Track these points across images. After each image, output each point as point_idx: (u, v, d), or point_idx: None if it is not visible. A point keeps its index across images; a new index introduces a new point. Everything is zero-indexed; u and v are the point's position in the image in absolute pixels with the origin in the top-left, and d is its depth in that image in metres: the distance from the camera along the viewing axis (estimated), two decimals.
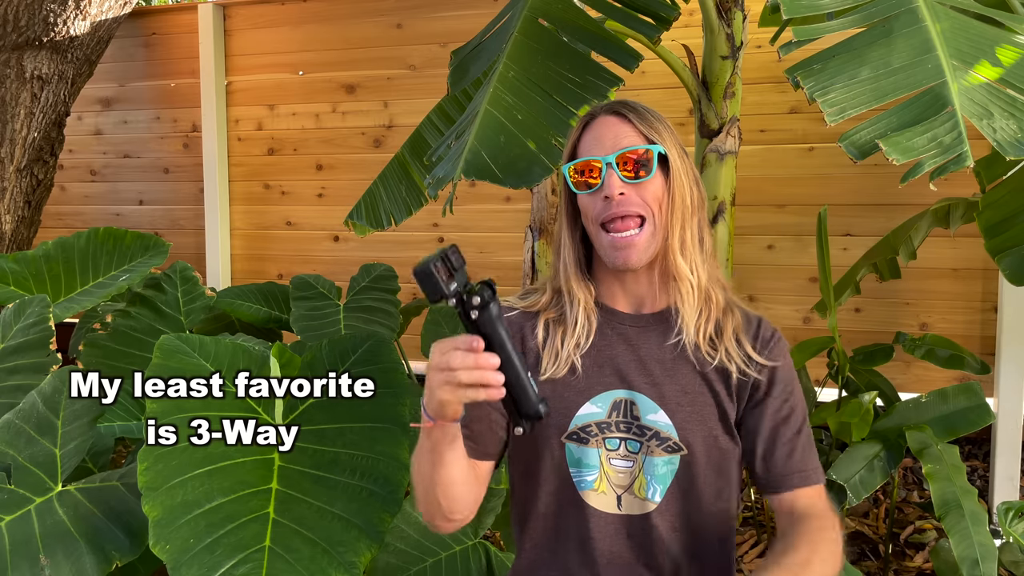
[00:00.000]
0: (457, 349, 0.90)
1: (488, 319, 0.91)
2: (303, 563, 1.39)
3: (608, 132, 1.11)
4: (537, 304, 1.19)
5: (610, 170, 1.08)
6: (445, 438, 1.00)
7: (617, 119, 1.12)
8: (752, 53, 2.91)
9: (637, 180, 1.08)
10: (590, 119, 1.15)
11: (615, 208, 1.08)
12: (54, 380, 1.79)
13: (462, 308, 0.91)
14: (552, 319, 1.16)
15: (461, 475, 1.05)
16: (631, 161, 1.08)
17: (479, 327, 0.91)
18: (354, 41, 3.85)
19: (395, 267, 2.91)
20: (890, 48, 1.25)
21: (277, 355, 1.69)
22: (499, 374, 0.90)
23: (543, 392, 1.13)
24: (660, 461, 1.11)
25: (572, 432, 1.13)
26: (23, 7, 3.12)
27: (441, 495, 1.05)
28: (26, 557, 1.46)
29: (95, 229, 2.75)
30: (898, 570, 2.57)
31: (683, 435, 1.10)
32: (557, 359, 1.13)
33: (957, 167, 1.07)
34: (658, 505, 1.12)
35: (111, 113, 4.31)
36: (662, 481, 1.11)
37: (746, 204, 3.14)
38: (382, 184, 2.72)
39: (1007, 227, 1.98)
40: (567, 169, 1.13)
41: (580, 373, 1.12)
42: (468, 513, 1.10)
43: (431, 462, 1.03)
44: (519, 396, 0.93)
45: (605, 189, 1.08)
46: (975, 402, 2.33)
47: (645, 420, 1.11)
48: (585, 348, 1.13)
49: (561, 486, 1.14)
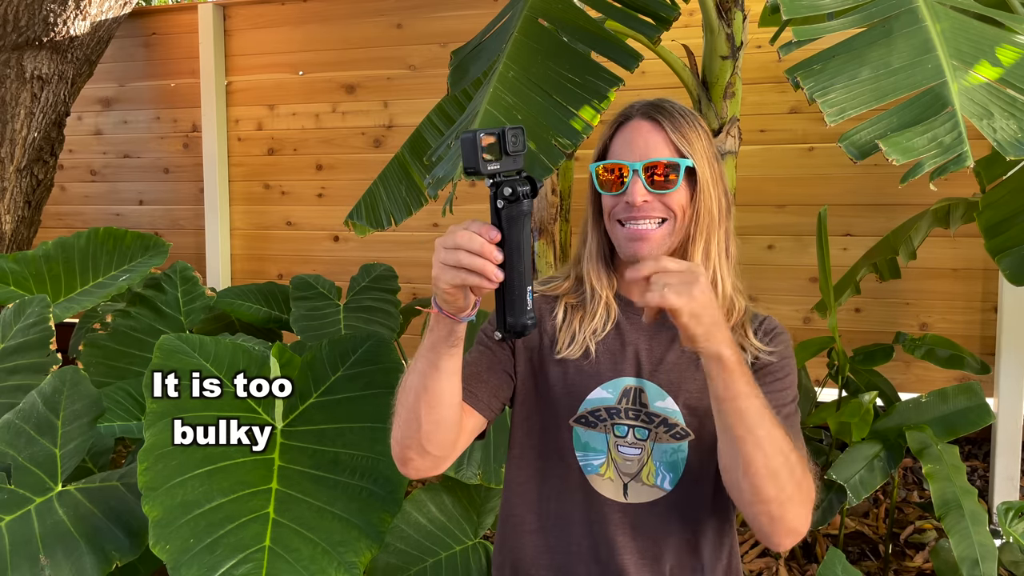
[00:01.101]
0: (468, 230, 0.89)
1: (512, 215, 0.89)
2: (303, 563, 1.39)
3: (640, 138, 1.11)
4: (559, 289, 1.21)
5: (636, 177, 1.09)
6: (446, 339, 0.98)
7: (651, 125, 1.12)
8: (752, 53, 2.91)
9: (661, 191, 1.09)
10: (625, 120, 1.15)
11: (635, 212, 1.10)
12: (54, 380, 1.79)
13: (493, 193, 0.89)
14: (572, 304, 1.18)
15: (451, 395, 1.03)
16: (658, 172, 1.09)
17: (500, 219, 0.89)
18: (354, 41, 3.85)
19: (395, 267, 2.91)
20: (890, 48, 1.25)
21: (277, 355, 1.69)
22: (499, 270, 0.89)
23: (555, 373, 1.15)
24: (669, 448, 1.12)
25: (581, 416, 1.14)
26: (23, 7, 3.12)
27: (425, 411, 1.02)
28: (26, 557, 1.46)
29: (95, 229, 2.75)
30: (898, 570, 2.57)
31: (690, 421, 1.12)
32: (573, 341, 1.15)
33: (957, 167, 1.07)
34: (668, 493, 1.13)
35: (111, 113, 4.31)
36: (672, 468, 1.13)
37: (746, 204, 3.14)
38: (382, 184, 2.72)
39: (1007, 227, 1.98)
40: (595, 167, 1.14)
41: (594, 357, 1.14)
42: (442, 454, 1.07)
43: (426, 363, 1.00)
44: (512, 302, 0.91)
45: (628, 195, 1.10)
46: (975, 402, 2.33)
47: (653, 407, 1.12)
48: (602, 336, 1.15)
49: (566, 470, 1.15)
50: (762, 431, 0.96)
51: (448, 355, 0.99)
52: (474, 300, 0.95)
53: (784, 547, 1.02)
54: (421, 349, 1.01)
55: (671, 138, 1.11)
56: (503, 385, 1.16)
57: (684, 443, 1.12)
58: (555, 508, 1.16)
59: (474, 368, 1.15)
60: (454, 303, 0.94)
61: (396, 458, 1.08)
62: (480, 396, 1.13)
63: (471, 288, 0.92)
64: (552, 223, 2.67)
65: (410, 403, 1.03)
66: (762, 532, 1.02)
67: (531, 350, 1.18)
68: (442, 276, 0.91)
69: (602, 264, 1.18)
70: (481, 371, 1.15)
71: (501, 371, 1.17)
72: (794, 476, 0.98)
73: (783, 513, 0.98)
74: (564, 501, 1.15)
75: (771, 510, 0.98)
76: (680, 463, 1.13)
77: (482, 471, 1.81)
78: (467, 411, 1.11)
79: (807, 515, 1.01)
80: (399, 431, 1.06)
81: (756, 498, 0.98)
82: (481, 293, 0.93)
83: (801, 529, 1.01)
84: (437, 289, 0.93)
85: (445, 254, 0.90)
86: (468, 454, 1.83)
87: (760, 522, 1.00)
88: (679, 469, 1.13)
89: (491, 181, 0.90)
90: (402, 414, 1.05)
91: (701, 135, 1.13)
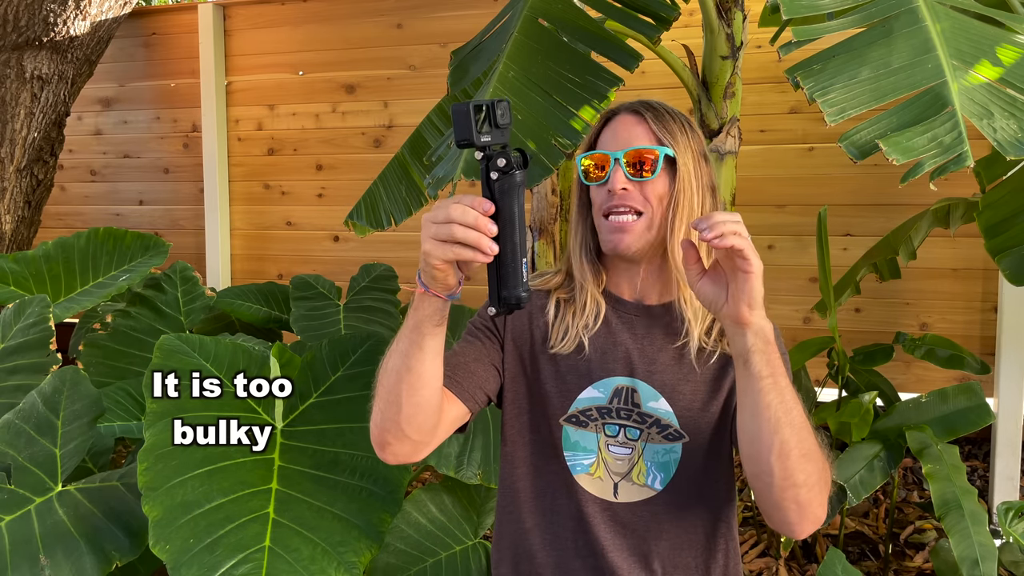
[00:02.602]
0: (460, 203, 0.88)
1: (506, 186, 0.88)
2: (303, 563, 1.39)
3: (623, 130, 1.14)
4: (549, 283, 1.21)
5: (617, 166, 1.12)
6: (431, 318, 0.96)
7: (635, 118, 1.15)
8: (752, 53, 2.91)
9: (640, 179, 1.11)
10: (612, 115, 1.18)
11: (615, 200, 1.11)
12: (54, 380, 1.79)
13: (485, 165, 0.88)
14: (563, 299, 1.19)
15: (433, 377, 1.00)
16: (637, 159, 1.11)
17: (494, 191, 0.88)
18: (354, 41, 3.85)
19: (395, 267, 2.91)
20: (890, 48, 1.25)
21: (277, 355, 1.69)
22: (494, 243, 0.88)
23: (547, 370, 1.15)
24: (661, 449, 1.13)
25: (572, 415, 1.14)
26: (23, 7, 3.12)
27: (406, 392, 0.99)
28: (26, 557, 1.46)
29: (95, 229, 2.75)
30: (898, 570, 2.57)
31: (684, 423, 1.12)
32: (566, 336, 1.15)
33: (957, 167, 1.07)
34: (659, 492, 1.13)
35: (111, 113, 4.31)
36: (663, 469, 1.13)
37: (746, 204, 3.14)
38: (382, 184, 2.72)
39: (1007, 227, 1.98)
40: (581, 159, 1.16)
41: (587, 354, 1.14)
42: (421, 439, 1.04)
43: (409, 343, 0.98)
44: (505, 275, 0.89)
45: (609, 183, 1.12)
46: (975, 402, 2.33)
47: (646, 407, 1.13)
48: (593, 330, 1.15)
49: (558, 468, 1.15)
50: (796, 411, 0.95)
51: (432, 335, 0.97)
52: (460, 277, 0.94)
53: (805, 534, 1.00)
54: (403, 330, 1.00)
55: (652, 128, 1.13)
56: (489, 378, 1.16)
57: (677, 444, 1.13)
58: (549, 505, 1.17)
59: (461, 358, 1.14)
60: (443, 280, 0.92)
61: (375, 442, 1.06)
62: (465, 386, 1.12)
63: (461, 264, 0.91)
64: (552, 223, 2.67)
65: (391, 384, 1.01)
66: (787, 520, 0.99)
67: (522, 347, 1.18)
68: (434, 252, 0.89)
69: (587, 258, 1.18)
70: (468, 361, 1.15)
71: (488, 364, 1.16)
72: (821, 460, 0.98)
73: (811, 498, 0.97)
74: (556, 498, 1.16)
75: (800, 495, 0.96)
76: (672, 464, 1.13)
77: (482, 471, 1.81)
78: (451, 400, 1.10)
79: (827, 504, 1.01)
80: (379, 414, 1.04)
81: (787, 482, 0.95)
82: (471, 269, 0.92)
83: (823, 517, 1.00)
84: (427, 266, 0.91)
85: (436, 229, 0.88)
86: (468, 454, 1.83)
87: (788, 509, 0.97)
88: (671, 470, 1.13)
89: (483, 154, 0.89)
90: (382, 395, 1.03)
91: (687, 131, 1.15)
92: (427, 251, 0.90)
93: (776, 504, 0.98)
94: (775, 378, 0.95)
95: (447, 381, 1.08)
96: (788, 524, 1.00)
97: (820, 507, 0.99)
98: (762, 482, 0.98)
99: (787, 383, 0.96)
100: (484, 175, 0.89)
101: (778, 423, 0.94)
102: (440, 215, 0.88)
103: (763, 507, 1.01)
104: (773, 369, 0.95)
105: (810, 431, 0.97)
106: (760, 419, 0.95)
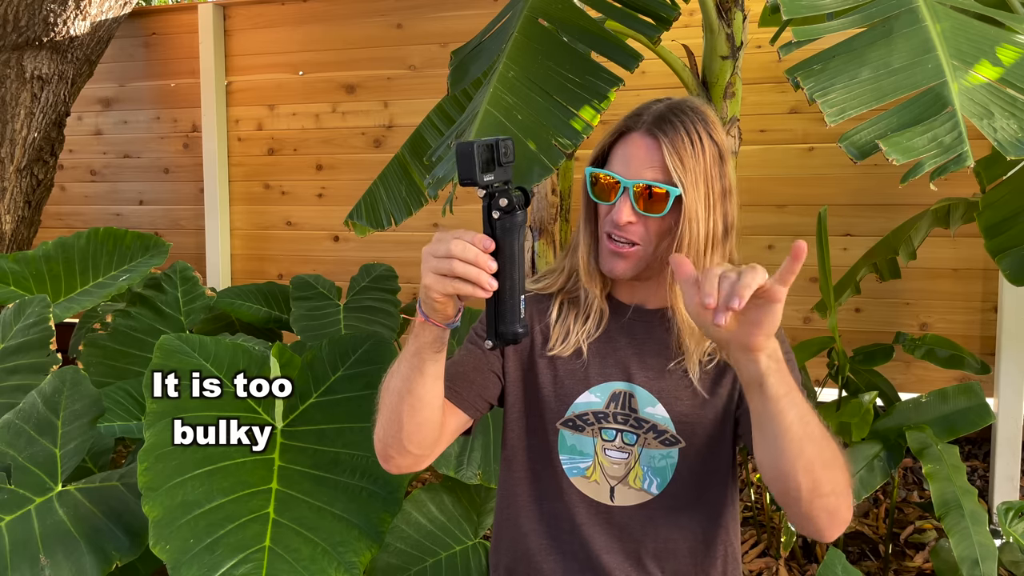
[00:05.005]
0: (461, 239, 0.88)
1: (507, 226, 0.89)
2: (303, 563, 1.39)
3: (637, 155, 1.08)
4: (552, 286, 1.20)
5: (625, 196, 1.07)
6: (431, 344, 0.98)
7: (651, 143, 1.07)
8: (752, 53, 2.90)
9: (646, 215, 1.07)
10: (627, 131, 1.11)
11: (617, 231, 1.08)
12: (54, 380, 1.79)
13: (487, 203, 0.89)
14: (567, 300, 1.18)
15: (434, 398, 1.02)
16: (647, 196, 1.07)
17: (495, 229, 0.89)
18: (354, 41, 3.85)
19: (395, 267, 2.91)
20: (890, 48, 1.25)
21: (277, 355, 1.69)
22: (493, 280, 0.88)
23: (544, 374, 1.15)
24: (657, 454, 1.12)
25: (568, 419, 1.14)
26: (23, 7, 3.12)
27: (407, 412, 1.02)
28: (26, 557, 1.46)
29: (95, 229, 2.75)
30: (898, 570, 2.57)
31: (681, 428, 1.12)
32: (566, 339, 1.15)
33: (957, 167, 1.07)
34: (655, 497, 1.13)
35: (111, 113, 4.31)
36: (660, 474, 1.13)
37: (746, 204, 3.13)
38: (382, 184, 2.72)
39: (1007, 227, 1.98)
40: (590, 172, 1.12)
41: (585, 359, 1.14)
42: (423, 452, 1.07)
43: (410, 367, 1.00)
44: (503, 311, 0.91)
45: (615, 213, 1.08)
46: (975, 402, 2.33)
47: (643, 413, 1.12)
48: (594, 336, 1.15)
49: (555, 472, 1.15)
50: (814, 421, 0.93)
51: (432, 360, 0.99)
52: (460, 307, 0.95)
53: (835, 537, 0.99)
54: (404, 354, 1.01)
55: (666, 159, 1.06)
56: (489, 385, 1.16)
57: (674, 450, 1.12)
58: (547, 508, 1.17)
59: (461, 367, 1.15)
60: (443, 311, 0.94)
61: (379, 455, 1.09)
62: (465, 396, 1.13)
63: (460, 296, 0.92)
64: (552, 223, 2.67)
65: (392, 404, 1.03)
66: (818, 528, 0.98)
67: (522, 351, 1.18)
68: (434, 285, 0.90)
69: (594, 267, 1.17)
70: (468, 371, 1.15)
71: (488, 371, 1.16)
72: (843, 462, 0.96)
73: (839, 504, 0.96)
74: (554, 501, 1.16)
75: (828, 503, 0.95)
76: (668, 469, 1.13)
77: (482, 471, 1.81)
78: (451, 410, 1.11)
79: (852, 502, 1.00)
80: (381, 430, 1.07)
81: (815, 494, 0.93)
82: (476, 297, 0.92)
83: (849, 517, 0.99)
84: (427, 298, 0.93)
85: (437, 263, 0.89)
86: (468, 454, 1.83)
87: (819, 518, 0.96)
88: (667, 474, 1.13)
89: (485, 192, 0.89)
90: (385, 414, 1.05)
91: (701, 159, 1.07)
92: (427, 284, 0.91)
93: (806, 515, 0.97)
94: (791, 395, 0.91)
95: (447, 392, 1.08)
96: (819, 531, 0.98)
97: (847, 509, 0.98)
98: (790, 498, 0.96)
99: (800, 394, 0.93)
100: (486, 213, 0.89)
101: (800, 441, 0.91)
102: (441, 249, 0.89)
103: (793, 519, 0.99)
104: (789, 386, 0.92)
105: (828, 437, 0.95)
106: (783, 440, 0.92)
